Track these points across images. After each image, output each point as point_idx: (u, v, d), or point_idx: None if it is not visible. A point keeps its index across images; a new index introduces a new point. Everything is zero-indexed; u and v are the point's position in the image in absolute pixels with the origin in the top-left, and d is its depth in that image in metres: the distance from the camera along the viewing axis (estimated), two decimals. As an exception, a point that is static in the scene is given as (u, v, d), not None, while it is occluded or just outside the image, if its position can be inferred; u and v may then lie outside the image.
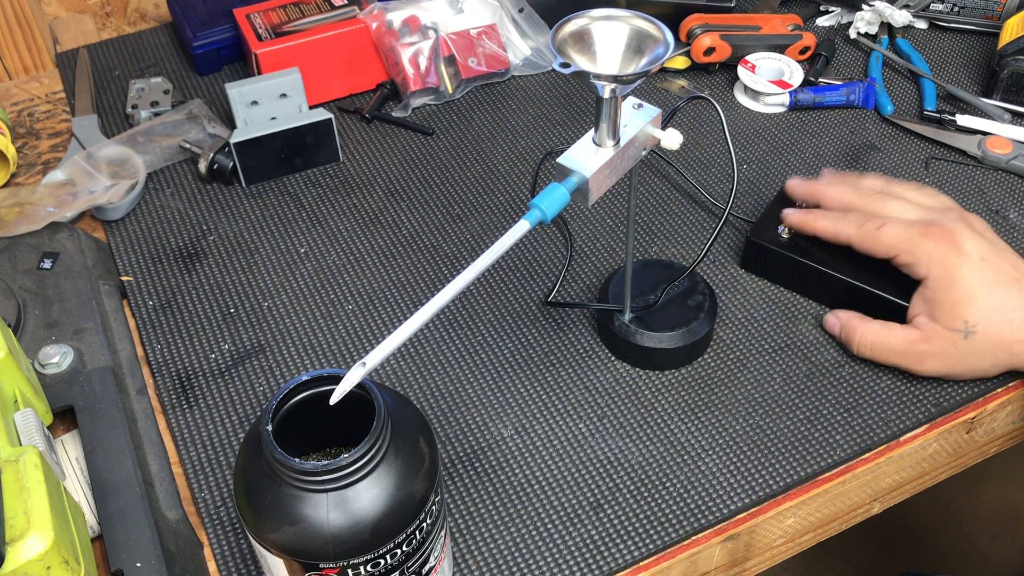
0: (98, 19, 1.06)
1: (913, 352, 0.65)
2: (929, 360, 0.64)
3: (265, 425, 0.45)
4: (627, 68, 0.53)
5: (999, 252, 0.64)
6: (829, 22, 1.01)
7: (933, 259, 0.63)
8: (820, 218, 0.69)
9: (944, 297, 0.63)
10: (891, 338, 0.66)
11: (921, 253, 0.64)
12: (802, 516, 0.65)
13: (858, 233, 0.67)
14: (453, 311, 0.73)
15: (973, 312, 0.62)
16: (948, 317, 0.63)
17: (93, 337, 0.68)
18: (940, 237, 0.63)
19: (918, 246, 0.64)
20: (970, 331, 0.62)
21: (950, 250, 0.63)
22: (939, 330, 0.63)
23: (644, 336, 0.67)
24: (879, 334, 0.66)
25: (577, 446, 0.64)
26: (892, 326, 0.66)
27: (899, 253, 0.65)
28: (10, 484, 0.50)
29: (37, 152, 0.89)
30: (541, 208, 0.52)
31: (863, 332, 0.67)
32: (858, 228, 0.67)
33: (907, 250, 0.64)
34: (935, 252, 0.63)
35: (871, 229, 0.66)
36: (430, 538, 0.50)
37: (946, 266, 0.63)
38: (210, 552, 0.60)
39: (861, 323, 0.67)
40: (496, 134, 0.89)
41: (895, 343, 0.65)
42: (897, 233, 0.65)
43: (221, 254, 0.79)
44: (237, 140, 0.82)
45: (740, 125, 0.89)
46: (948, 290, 0.63)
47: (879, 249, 0.66)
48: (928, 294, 0.64)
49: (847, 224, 0.68)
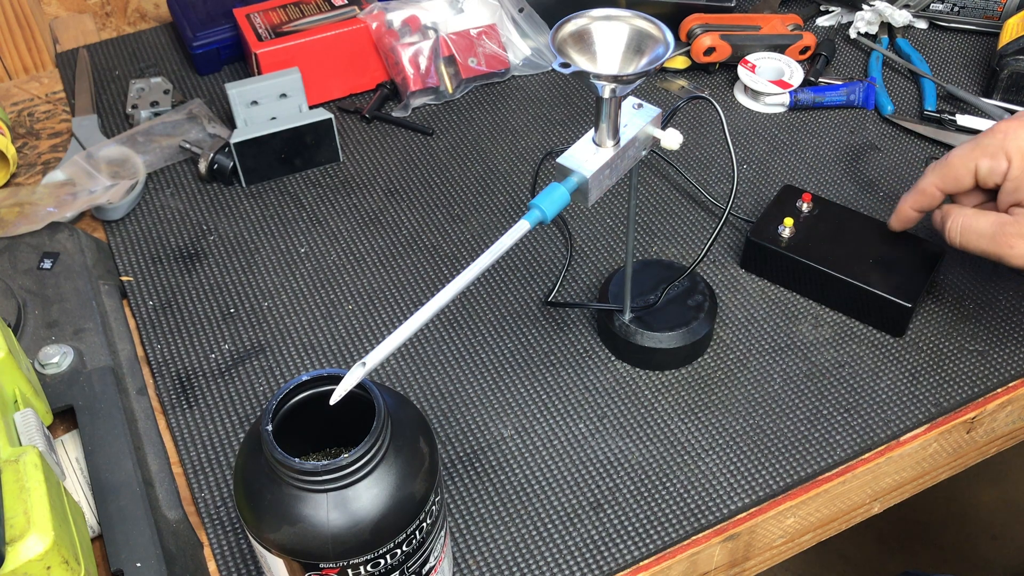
0: (98, 19, 1.06)
1: (1002, 235, 0.61)
2: (1019, 243, 0.61)
3: (265, 425, 0.45)
4: (627, 68, 0.53)
5: None
6: (829, 22, 1.01)
7: (1009, 148, 0.61)
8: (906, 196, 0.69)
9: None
10: (982, 221, 0.63)
11: (993, 149, 0.62)
12: (802, 516, 0.65)
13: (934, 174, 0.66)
14: (453, 311, 0.74)
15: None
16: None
17: (93, 337, 0.68)
18: (1008, 127, 0.62)
19: (988, 145, 0.62)
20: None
21: (1018, 134, 0.61)
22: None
23: (644, 336, 0.67)
24: (969, 217, 0.63)
25: (577, 446, 0.65)
26: (984, 211, 0.64)
27: (976, 161, 0.63)
28: (10, 484, 0.50)
29: (37, 152, 0.89)
30: (541, 208, 0.52)
31: (955, 217, 0.64)
32: (932, 170, 0.66)
33: (978, 155, 0.63)
34: (1008, 141, 0.61)
35: (941, 161, 0.65)
36: (430, 538, 0.50)
37: (1022, 149, 0.61)
38: (210, 552, 0.60)
39: (957, 209, 0.65)
40: (496, 134, 0.89)
41: (985, 226, 0.62)
42: (965, 147, 0.63)
43: (221, 254, 0.79)
44: (237, 140, 0.82)
45: (740, 125, 0.89)
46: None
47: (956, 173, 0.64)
48: (1011, 184, 0.61)
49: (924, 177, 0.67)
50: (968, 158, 0.63)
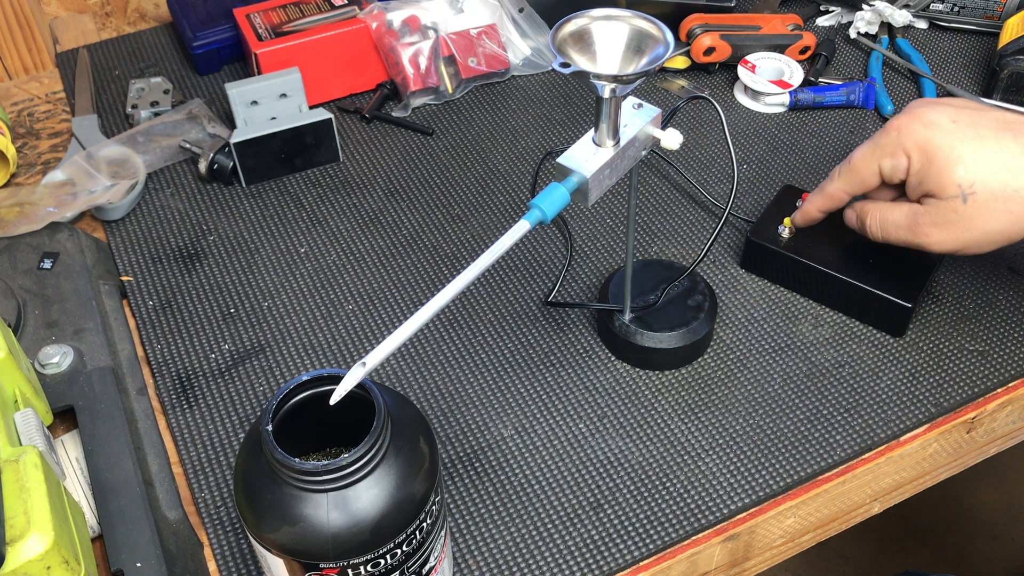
0: (98, 19, 1.06)
1: (917, 225, 0.62)
2: (934, 231, 0.61)
3: (265, 425, 0.45)
4: (627, 68, 0.53)
5: (975, 109, 0.61)
6: (829, 22, 1.01)
7: (905, 145, 0.61)
8: (812, 197, 0.69)
9: (929, 172, 0.60)
10: (896, 213, 0.63)
11: (892, 148, 0.62)
12: (802, 516, 0.65)
13: (840, 180, 0.66)
14: (453, 311, 0.74)
15: (961, 173, 0.59)
16: (940, 188, 0.60)
17: (93, 337, 0.68)
18: (900, 124, 0.62)
19: (885, 144, 0.62)
20: (967, 193, 0.59)
21: (917, 128, 0.61)
22: (936, 202, 0.61)
23: (644, 336, 0.67)
24: (885, 211, 0.64)
25: (577, 446, 0.64)
26: (899, 203, 0.64)
27: (879, 162, 0.63)
28: (10, 484, 0.50)
29: (37, 152, 0.89)
30: (541, 208, 0.52)
31: (872, 213, 0.65)
32: (839, 175, 0.66)
33: (879, 155, 0.63)
34: (903, 138, 0.61)
35: (846, 166, 0.65)
36: (430, 538, 0.50)
37: (919, 143, 0.60)
38: (210, 552, 0.60)
39: (872, 206, 0.66)
40: (496, 134, 0.89)
41: (900, 217, 0.63)
42: (864, 150, 0.64)
43: (221, 254, 0.79)
44: (237, 140, 0.82)
45: (740, 125, 0.89)
46: (930, 163, 0.60)
47: (861, 176, 0.65)
48: (915, 179, 0.62)
49: (830, 181, 0.67)
50: (870, 160, 0.63)
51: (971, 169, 0.59)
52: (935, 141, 0.60)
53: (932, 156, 0.60)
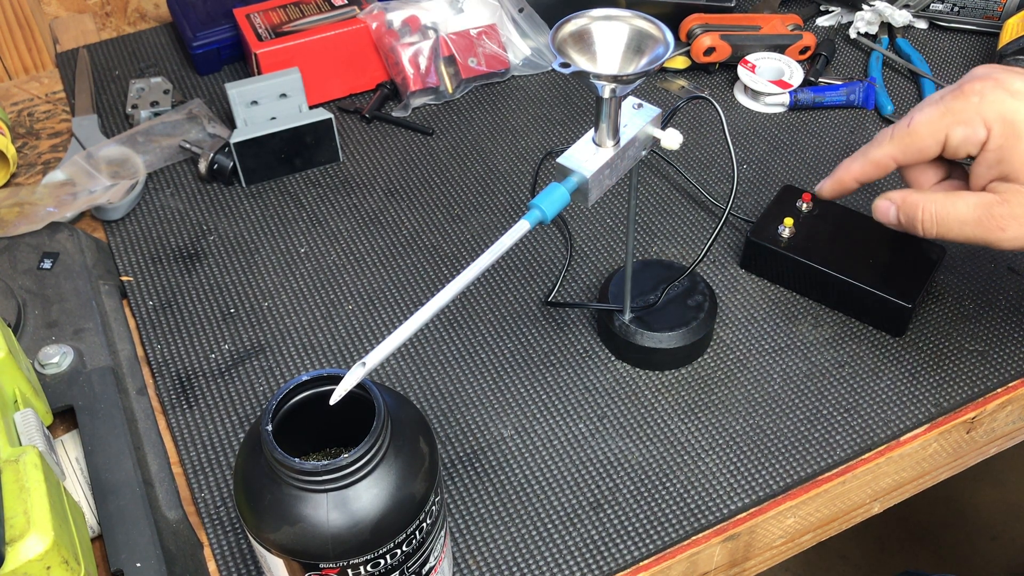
0: (98, 19, 1.06)
1: (989, 218, 0.54)
2: (1012, 225, 0.54)
3: (265, 425, 0.45)
4: (627, 68, 0.53)
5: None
6: (829, 22, 1.01)
7: (986, 113, 0.53)
8: (850, 162, 0.61)
9: (1015, 149, 0.53)
10: (961, 206, 0.55)
11: (968, 115, 0.54)
12: (802, 516, 0.65)
13: (892, 143, 0.57)
14: (453, 311, 0.74)
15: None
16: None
17: (93, 337, 0.68)
18: (982, 89, 0.54)
19: (961, 110, 0.54)
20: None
21: (1001, 96, 0.53)
22: (1019, 189, 0.53)
23: (644, 336, 0.67)
24: (945, 204, 0.56)
25: (577, 446, 0.64)
26: (960, 192, 0.56)
27: (947, 131, 0.55)
28: (10, 484, 0.50)
29: (37, 152, 0.89)
30: (541, 208, 0.52)
31: (926, 207, 0.56)
32: (890, 139, 0.58)
33: (951, 123, 0.55)
34: (984, 106, 0.53)
35: (902, 129, 0.57)
36: (430, 538, 0.50)
37: (1003, 114, 0.53)
38: (210, 552, 0.60)
39: (922, 196, 0.57)
40: (496, 134, 0.89)
41: (967, 211, 0.55)
42: (929, 114, 0.55)
43: (221, 254, 0.79)
44: (237, 140, 0.82)
45: (740, 125, 0.89)
46: (1018, 139, 0.52)
47: (921, 144, 0.56)
48: (992, 156, 0.54)
49: (876, 144, 0.58)
50: (938, 126, 0.55)
51: None
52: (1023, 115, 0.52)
53: (1020, 131, 0.52)
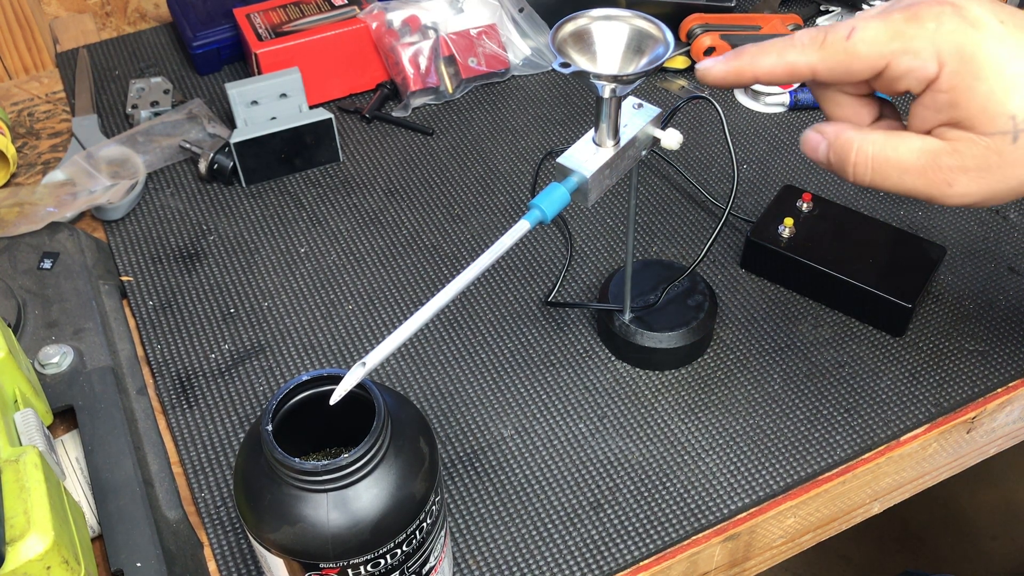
0: (98, 19, 1.06)
1: (936, 169, 0.45)
2: (961, 179, 0.45)
3: (265, 425, 0.45)
4: (627, 68, 0.52)
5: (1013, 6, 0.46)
6: (829, 22, 1.01)
7: (939, 45, 0.44)
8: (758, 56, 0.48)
9: (971, 91, 0.43)
10: (904, 150, 0.46)
11: (919, 44, 0.44)
12: (802, 516, 0.65)
13: (821, 53, 0.46)
14: (453, 311, 0.74)
15: (1019, 101, 0.43)
16: (984, 117, 0.43)
17: (93, 337, 0.68)
18: (938, 13, 0.44)
19: (913, 36, 0.44)
20: (1020, 129, 0.43)
21: (958, 25, 0.44)
22: (973, 138, 0.44)
23: (644, 336, 0.67)
24: (884, 147, 0.46)
25: (577, 446, 0.64)
26: (902, 134, 0.47)
27: (890, 59, 0.45)
28: (10, 484, 0.50)
29: (37, 152, 0.89)
30: (541, 208, 0.52)
31: (861, 147, 0.47)
32: (819, 47, 0.46)
33: (898, 50, 0.44)
34: (940, 35, 0.44)
35: (838, 40, 0.46)
36: (430, 538, 0.50)
37: (961, 48, 0.43)
38: (210, 552, 0.60)
39: (858, 134, 0.47)
40: (496, 134, 0.89)
41: (909, 157, 0.46)
42: (875, 31, 0.45)
43: (221, 254, 0.79)
44: (237, 140, 0.82)
45: (740, 125, 0.89)
46: (975, 80, 0.43)
47: (857, 65, 0.46)
48: (944, 98, 0.44)
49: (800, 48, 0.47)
50: (883, 49, 0.45)
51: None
52: (985, 49, 0.43)
53: (978, 72, 0.43)
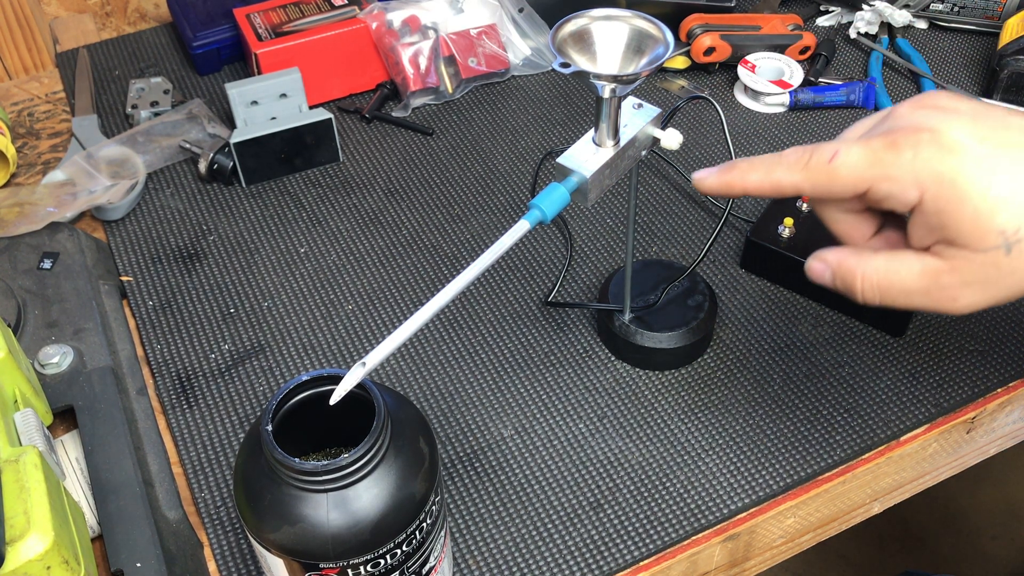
0: (98, 19, 1.06)
1: (939, 288, 0.47)
2: (965, 293, 0.46)
3: (265, 425, 0.45)
4: (627, 68, 0.52)
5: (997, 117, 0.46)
6: (829, 22, 1.01)
7: (918, 173, 0.45)
8: (748, 172, 0.50)
9: (957, 214, 0.44)
10: (906, 274, 0.47)
11: (898, 172, 0.45)
12: (802, 516, 0.65)
13: (805, 174, 0.48)
14: (453, 311, 0.73)
15: (1005, 217, 0.44)
16: (975, 236, 0.44)
17: (93, 337, 0.68)
18: (915, 141, 0.45)
19: (892, 164, 0.45)
20: (1012, 242, 0.44)
21: (935, 152, 0.44)
22: (968, 255, 0.45)
23: (644, 336, 0.67)
24: (887, 272, 0.48)
25: (577, 446, 0.64)
26: (902, 256, 0.48)
27: (870, 184, 0.46)
28: (10, 484, 0.50)
29: (37, 152, 0.89)
30: (541, 208, 0.52)
31: (865, 275, 0.49)
32: (803, 167, 0.48)
33: (878, 176, 0.46)
34: (918, 164, 0.44)
35: (820, 163, 0.47)
36: (430, 538, 0.50)
37: (939, 175, 0.44)
38: (210, 552, 0.60)
39: (859, 261, 0.49)
40: (496, 134, 0.89)
41: (911, 281, 0.47)
42: (857, 157, 0.46)
43: (221, 254, 0.79)
44: (237, 140, 0.82)
45: (740, 125, 0.89)
46: (958, 205, 0.44)
47: (838, 187, 0.47)
48: (932, 220, 0.45)
49: (786, 167, 0.48)
50: (863, 175, 0.46)
51: (1016, 211, 0.44)
52: (964, 174, 0.44)
53: (961, 196, 0.44)
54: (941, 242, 0.46)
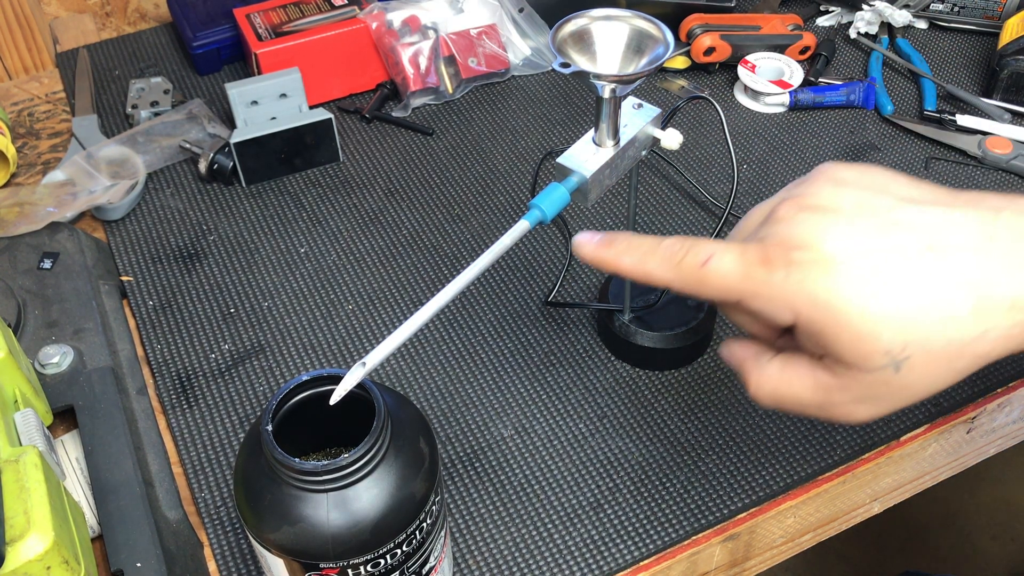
0: (98, 19, 1.06)
1: (831, 405, 0.44)
2: (860, 408, 0.44)
3: (265, 425, 0.45)
4: (627, 68, 0.52)
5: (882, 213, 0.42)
6: (829, 22, 1.01)
7: (789, 297, 0.41)
8: (623, 253, 0.47)
9: (837, 338, 0.41)
10: (799, 387, 0.44)
11: (770, 292, 0.42)
12: (802, 516, 0.65)
13: (676, 273, 0.45)
14: (453, 311, 0.73)
15: (889, 337, 0.40)
16: (859, 358, 0.41)
17: (93, 337, 0.68)
18: (787, 261, 0.41)
19: (763, 283, 0.42)
20: (901, 359, 0.41)
21: (809, 272, 0.41)
22: (856, 375, 0.42)
23: (644, 336, 0.67)
24: (780, 382, 0.45)
25: (577, 446, 0.64)
26: (796, 365, 0.44)
27: (740, 297, 0.43)
28: (10, 484, 0.50)
29: (37, 152, 0.89)
30: (541, 208, 0.52)
31: (759, 380, 0.46)
32: (675, 266, 0.45)
33: (748, 292, 0.43)
34: (787, 286, 0.41)
35: (692, 266, 0.44)
36: (430, 538, 0.50)
37: (814, 298, 0.41)
38: (210, 552, 0.60)
39: (756, 364, 0.46)
40: (496, 134, 0.89)
41: (804, 395, 0.44)
42: (730, 267, 0.43)
43: (221, 254, 0.79)
44: (237, 140, 0.82)
45: (740, 125, 0.89)
46: (837, 327, 0.41)
47: (708, 294, 0.44)
48: (813, 340, 0.42)
49: (659, 260, 0.46)
50: (733, 289, 0.43)
51: (900, 328, 0.40)
52: (841, 295, 0.40)
53: (838, 320, 0.41)
54: (827, 357, 0.43)
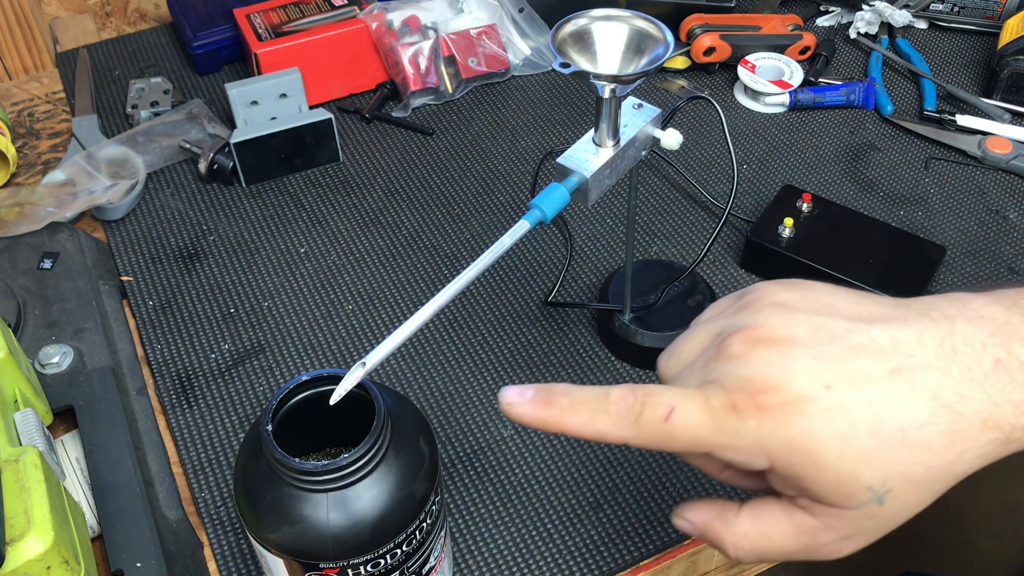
0: (98, 19, 1.06)
1: (817, 547, 0.42)
2: (846, 544, 0.43)
3: (265, 425, 0.45)
4: (627, 68, 0.52)
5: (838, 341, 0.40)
6: (829, 22, 1.01)
7: (763, 444, 0.39)
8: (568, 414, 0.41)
9: (817, 480, 0.39)
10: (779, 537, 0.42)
11: (743, 442, 0.39)
12: (802, 516, 0.65)
13: (635, 431, 0.40)
14: (453, 311, 0.73)
15: (870, 474, 0.39)
16: (840, 497, 0.40)
17: (93, 337, 0.68)
18: (756, 406, 0.39)
19: (734, 433, 0.39)
20: (883, 492, 0.40)
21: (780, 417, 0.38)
22: (838, 512, 0.41)
23: (644, 336, 0.67)
24: (757, 537, 0.43)
25: (577, 446, 0.64)
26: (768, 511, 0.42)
27: (711, 449, 0.40)
28: (10, 484, 0.50)
29: (37, 152, 0.89)
30: (541, 208, 0.52)
31: (735, 541, 0.43)
32: (632, 423, 0.40)
33: (719, 443, 0.39)
34: (760, 434, 0.39)
35: (654, 422, 0.40)
36: (430, 538, 0.50)
37: (789, 443, 0.38)
38: (210, 552, 0.60)
39: (725, 526, 0.43)
40: (496, 134, 0.89)
41: (786, 542, 0.42)
42: (697, 419, 0.39)
43: (221, 254, 0.79)
44: (237, 140, 0.82)
45: (740, 125, 0.89)
46: (816, 469, 0.39)
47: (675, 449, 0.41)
48: (791, 483, 0.40)
49: (613, 418, 0.40)
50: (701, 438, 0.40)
51: (880, 463, 0.39)
52: (816, 437, 0.38)
53: (816, 462, 0.39)
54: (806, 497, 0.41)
